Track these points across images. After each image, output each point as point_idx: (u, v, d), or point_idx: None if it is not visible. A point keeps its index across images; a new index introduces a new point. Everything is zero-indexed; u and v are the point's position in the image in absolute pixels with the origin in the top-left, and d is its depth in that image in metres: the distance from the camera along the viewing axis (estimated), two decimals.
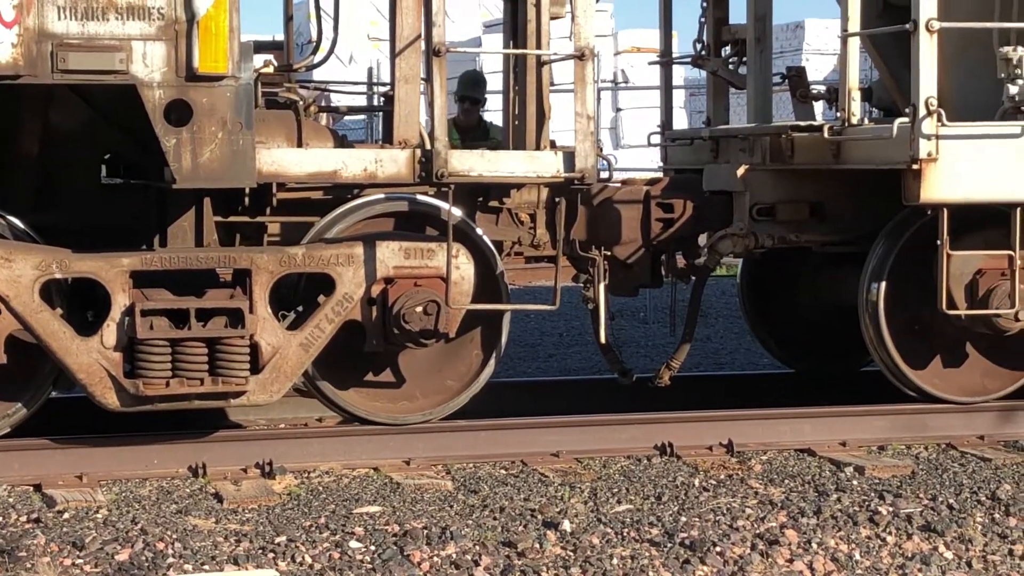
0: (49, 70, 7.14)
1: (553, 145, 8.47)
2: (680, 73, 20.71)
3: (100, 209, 8.17)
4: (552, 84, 8.67)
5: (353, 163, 7.95)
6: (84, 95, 7.86)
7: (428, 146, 8.02)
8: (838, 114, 8.59)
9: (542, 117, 8.40)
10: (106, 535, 6.56)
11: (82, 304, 7.91)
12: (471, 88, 10.38)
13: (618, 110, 22.45)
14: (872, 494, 7.35)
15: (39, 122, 7.94)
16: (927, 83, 7.97)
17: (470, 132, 10.27)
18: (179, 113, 7.32)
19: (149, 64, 7.25)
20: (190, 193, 7.86)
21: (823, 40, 21.46)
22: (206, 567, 6.17)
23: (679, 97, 21.01)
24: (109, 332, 7.49)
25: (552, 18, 8.46)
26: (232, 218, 8.12)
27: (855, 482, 7.66)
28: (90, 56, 7.17)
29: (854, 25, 8.40)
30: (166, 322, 7.52)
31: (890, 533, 6.76)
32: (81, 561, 6.22)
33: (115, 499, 7.28)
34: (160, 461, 7.74)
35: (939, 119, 7.98)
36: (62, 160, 8.06)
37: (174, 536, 6.52)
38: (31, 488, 7.48)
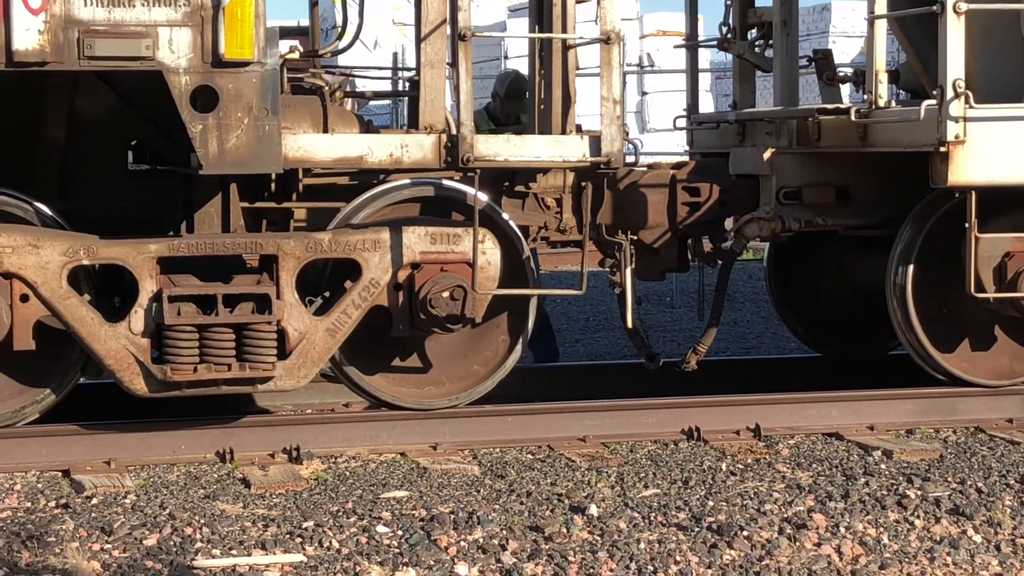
0: (76, 57, 7.16)
1: (579, 129, 8.45)
2: (706, 56, 20.66)
3: (127, 196, 8.19)
4: (578, 68, 8.65)
5: (379, 148, 7.95)
6: (110, 82, 7.88)
7: (454, 131, 8.02)
8: (865, 97, 8.56)
9: (568, 101, 8.39)
10: (134, 520, 6.58)
11: (109, 290, 7.93)
12: (518, 99, 10.34)
13: (644, 94, 22.42)
14: (900, 478, 7.33)
15: (66, 109, 7.97)
16: (954, 65, 7.93)
17: (506, 124, 10.26)
18: (205, 99, 7.33)
19: (175, 50, 7.26)
20: (216, 179, 7.88)
21: (849, 23, 21.38)
22: (234, 552, 6.18)
23: (705, 80, 20.95)
24: (137, 318, 7.51)
25: (578, 1, 8.44)
26: (258, 204, 8.13)
27: (883, 466, 7.64)
28: (116, 42, 7.19)
29: (881, 7, 8.37)
30: (193, 308, 7.54)
31: (918, 517, 6.74)
32: (109, 546, 6.24)
33: (143, 484, 7.30)
34: (187, 446, 7.76)
35: (967, 101, 7.94)
36: (88, 147, 8.08)
37: (202, 521, 6.54)
38: (60, 474, 7.51)
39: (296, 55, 8.58)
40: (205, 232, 7.96)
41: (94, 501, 6.98)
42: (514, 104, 10.38)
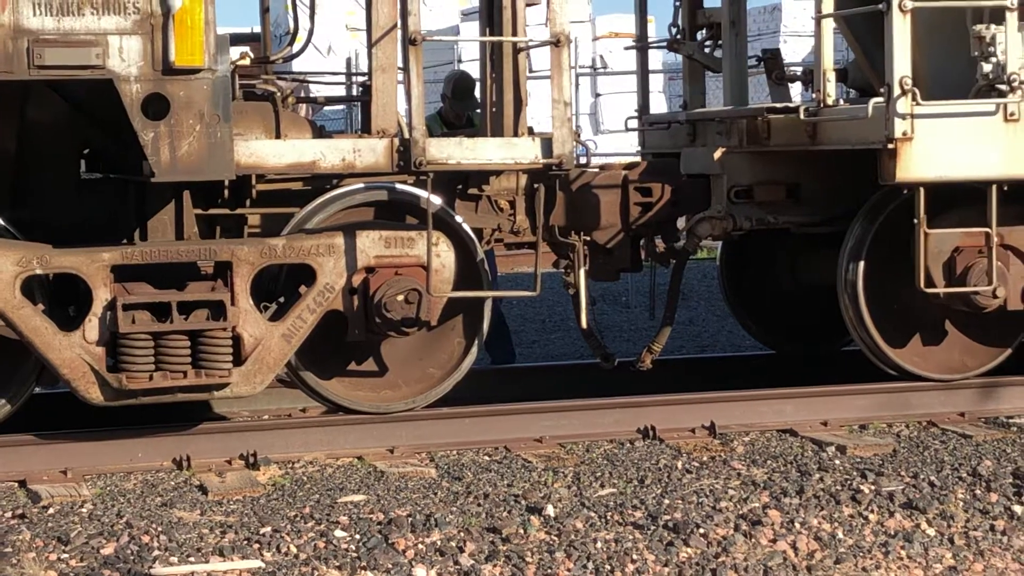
0: (25, 66, 7.14)
1: (531, 132, 8.49)
2: (658, 58, 20.75)
3: (80, 204, 8.17)
4: (531, 71, 8.68)
5: (331, 154, 7.96)
6: (61, 91, 7.86)
7: (406, 135, 8.04)
8: (813, 95, 8.63)
9: (519, 104, 8.42)
10: (91, 529, 6.57)
11: (64, 299, 7.91)
12: (465, 98, 10.37)
13: (597, 96, 22.47)
14: (854, 473, 7.38)
15: (16, 118, 7.94)
16: (901, 63, 8.01)
17: (458, 126, 10.28)
18: (156, 107, 7.32)
19: (126, 58, 7.26)
20: (169, 187, 7.87)
21: (800, 22, 21.49)
22: (192, 559, 6.18)
23: (658, 82, 21.02)
24: (91, 327, 7.50)
25: (528, 5, 8.47)
26: (212, 211, 8.13)
27: (837, 461, 7.69)
28: (66, 51, 7.18)
29: (828, 6, 8.43)
30: (148, 316, 7.53)
31: (872, 511, 6.80)
32: (67, 556, 6.23)
33: (100, 493, 7.29)
34: (144, 454, 7.75)
35: (913, 98, 8.02)
36: (41, 156, 8.05)
37: (159, 529, 6.53)
38: (16, 484, 7.48)
39: (247, 61, 8.57)
40: (159, 240, 7.95)
41: (51, 511, 6.96)
42: (462, 103, 10.41)
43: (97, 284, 7.51)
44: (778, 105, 9.04)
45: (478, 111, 10.65)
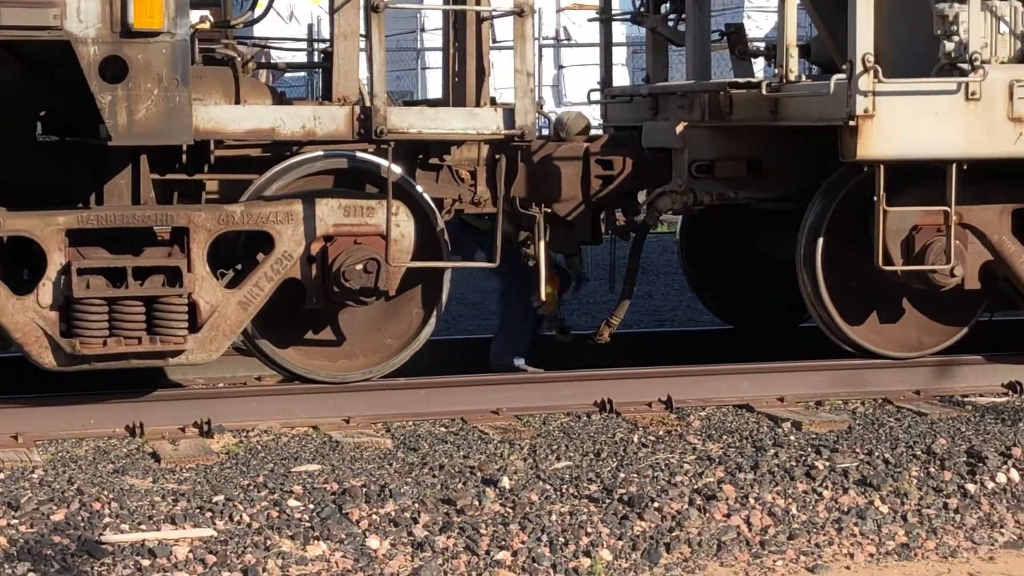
0: None
1: (493, 102, 8.45)
2: (622, 31, 20.70)
3: (35, 167, 8.08)
4: (495, 41, 8.63)
5: (291, 120, 7.90)
6: (18, 52, 7.76)
7: (367, 103, 7.99)
8: (776, 71, 8.62)
9: (482, 74, 8.37)
10: (42, 495, 6.52)
11: (17, 263, 7.83)
12: None
13: (560, 67, 22.44)
14: (809, 449, 7.40)
15: None
16: (864, 39, 8.01)
17: None
18: (114, 70, 7.25)
19: (83, 20, 7.17)
20: (126, 151, 7.79)
21: None
22: (143, 527, 6.15)
23: (621, 54, 21.01)
24: (45, 291, 7.43)
25: None
26: (169, 176, 8.05)
27: (792, 437, 7.71)
28: (23, 12, 7.09)
29: None
30: (103, 281, 7.46)
31: (826, 487, 6.82)
32: (16, 521, 6.18)
33: (51, 459, 7.23)
34: (97, 421, 7.69)
35: (876, 75, 8.02)
36: None
37: (111, 496, 6.49)
38: None
39: (207, 25, 8.49)
40: (115, 204, 7.88)
41: (1, 476, 6.90)
42: None
43: (51, 248, 7.44)
44: (740, 80, 9.03)
45: None
